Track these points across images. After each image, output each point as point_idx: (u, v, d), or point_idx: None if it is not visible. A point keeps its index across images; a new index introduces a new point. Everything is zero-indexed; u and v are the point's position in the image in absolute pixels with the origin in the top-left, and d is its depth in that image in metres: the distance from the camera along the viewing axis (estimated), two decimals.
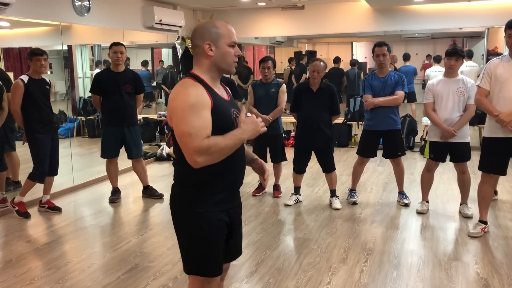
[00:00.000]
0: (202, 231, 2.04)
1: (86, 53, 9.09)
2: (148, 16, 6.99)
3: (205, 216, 2.04)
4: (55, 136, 4.92)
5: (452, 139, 4.39)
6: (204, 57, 2.03)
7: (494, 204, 4.88)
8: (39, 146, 4.72)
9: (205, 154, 1.88)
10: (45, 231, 4.47)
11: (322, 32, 8.37)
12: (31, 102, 4.64)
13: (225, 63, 2.05)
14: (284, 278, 3.36)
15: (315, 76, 4.72)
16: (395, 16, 7.82)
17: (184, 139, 1.89)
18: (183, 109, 1.88)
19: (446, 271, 3.41)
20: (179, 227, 2.12)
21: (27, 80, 4.63)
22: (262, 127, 2.03)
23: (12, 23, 6.35)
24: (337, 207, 4.89)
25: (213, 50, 2.01)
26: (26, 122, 4.69)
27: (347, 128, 8.43)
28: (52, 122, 4.88)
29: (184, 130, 1.88)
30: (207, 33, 2.01)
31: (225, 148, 1.92)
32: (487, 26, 8.06)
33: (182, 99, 1.90)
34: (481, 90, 3.85)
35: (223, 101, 2.05)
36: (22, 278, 3.43)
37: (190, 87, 1.94)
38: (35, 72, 4.69)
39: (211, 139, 1.89)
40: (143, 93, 5.47)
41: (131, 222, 4.74)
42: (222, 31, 2.02)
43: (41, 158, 4.75)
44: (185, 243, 2.11)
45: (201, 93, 1.93)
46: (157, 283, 3.32)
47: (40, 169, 4.77)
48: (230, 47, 2.03)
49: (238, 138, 1.96)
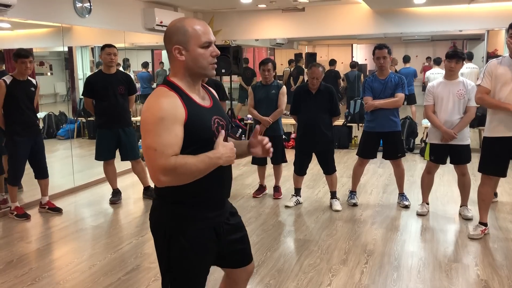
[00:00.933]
0: (183, 248, 1.89)
1: (86, 54, 9.10)
2: (149, 17, 7.01)
3: (188, 234, 1.89)
4: (39, 139, 4.85)
5: (453, 141, 4.40)
6: (176, 62, 1.83)
7: (494, 206, 4.89)
8: (16, 149, 4.68)
9: (170, 174, 1.71)
10: (46, 232, 4.48)
11: (322, 34, 8.38)
12: (13, 104, 4.58)
13: (199, 67, 1.83)
14: (285, 280, 3.37)
15: (314, 83, 4.75)
16: (395, 19, 7.83)
17: (149, 154, 1.72)
18: (152, 122, 1.71)
19: (446, 273, 3.42)
20: (160, 242, 1.94)
21: (10, 81, 4.58)
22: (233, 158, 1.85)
23: (13, 24, 6.36)
24: (337, 209, 4.89)
25: (184, 54, 1.80)
26: (7, 124, 4.64)
27: (347, 130, 8.44)
28: (34, 125, 4.81)
29: (149, 145, 1.71)
30: (174, 35, 1.80)
31: (195, 171, 1.74)
32: (487, 28, 8.07)
33: (152, 112, 1.72)
34: (482, 88, 3.84)
35: (202, 109, 1.85)
36: (23, 279, 3.44)
37: (162, 97, 1.75)
38: (20, 73, 4.64)
39: (179, 158, 1.72)
40: (135, 94, 5.45)
41: (132, 223, 4.74)
42: (191, 31, 1.79)
43: (16, 162, 4.72)
44: (165, 260, 1.93)
45: (173, 105, 1.74)
46: (158, 284, 3.32)
47: (14, 173, 4.74)
48: (203, 48, 1.81)
49: (211, 162, 1.77)
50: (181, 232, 1.89)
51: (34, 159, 4.83)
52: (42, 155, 4.90)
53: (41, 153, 4.88)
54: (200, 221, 1.92)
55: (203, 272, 2.00)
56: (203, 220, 1.93)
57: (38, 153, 4.84)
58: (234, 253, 2.12)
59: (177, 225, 1.89)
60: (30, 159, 4.83)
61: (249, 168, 6.29)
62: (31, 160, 4.84)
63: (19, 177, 4.79)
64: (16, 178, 4.77)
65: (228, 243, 2.06)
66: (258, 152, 2.07)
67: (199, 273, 1.98)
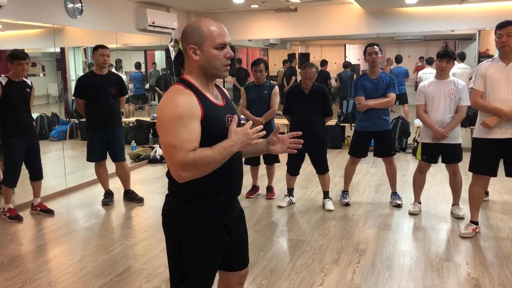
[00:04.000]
0: (195, 246, 1.92)
1: (79, 55, 9.07)
2: (141, 18, 6.98)
3: (200, 231, 1.92)
4: (35, 141, 4.83)
5: (444, 140, 4.42)
6: (191, 62, 1.88)
7: (486, 205, 4.91)
8: (11, 150, 4.66)
9: (190, 169, 1.75)
10: (38, 234, 4.46)
11: (314, 34, 8.39)
12: (8, 105, 4.56)
13: (213, 68, 1.87)
14: (277, 280, 3.37)
15: (307, 83, 4.76)
16: (388, 19, 7.86)
17: (168, 151, 1.76)
18: (170, 120, 1.75)
19: (438, 272, 3.43)
20: (171, 239, 1.98)
21: (6, 82, 4.55)
22: (254, 139, 1.85)
23: (4, 25, 6.33)
24: (330, 209, 4.90)
25: (198, 54, 1.84)
26: (2, 125, 4.62)
27: (340, 130, 8.46)
28: (30, 126, 4.79)
29: (169, 142, 1.75)
30: (190, 35, 1.85)
31: (212, 162, 1.78)
32: (478, 28, 8.12)
33: (170, 109, 1.76)
34: (476, 91, 3.87)
35: (216, 108, 1.90)
36: (14, 281, 3.42)
37: (179, 95, 1.80)
38: (16, 75, 4.61)
39: (197, 152, 1.75)
40: (126, 96, 5.44)
41: (124, 224, 4.73)
42: (206, 32, 1.83)
43: (11, 164, 4.70)
44: (176, 256, 1.97)
45: (190, 102, 1.79)
46: (150, 285, 3.32)
47: (10, 175, 4.72)
48: (217, 49, 1.85)
49: (227, 151, 1.80)
50: (192, 229, 1.92)
51: (29, 160, 4.81)
52: (38, 157, 4.88)
53: (36, 155, 4.86)
54: (211, 218, 1.94)
55: (212, 269, 2.03)
56: (214, 217, 1.95)
57: (33, 154, 4.82)
58: (233, 255, 2.13)
59: (188, 222, 1.92)
60: (26, 160, 4.80)
61: None
62: (26, 162, 4.82)
63: (15, 179, 4.76)
64: (12, 180, 4.74)
65: (232, 243, 2.07)
66: (278, 149, 2.14)
67: (209, 270, 2.01)
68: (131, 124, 9.32)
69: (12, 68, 4.59)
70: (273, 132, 2.12)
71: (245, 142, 1.83)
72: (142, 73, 11.68)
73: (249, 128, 1.87)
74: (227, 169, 1.89)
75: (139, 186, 5.97)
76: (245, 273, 2.26)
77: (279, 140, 2.14)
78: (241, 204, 2.18)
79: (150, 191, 5.66)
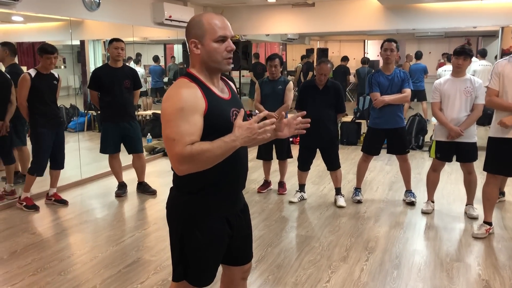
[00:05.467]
0: (197, 240, 1.94)
1: (98, 48, 9.16)
2: (158, 12, 7.01)
3: (203, 225, 1.94)
4: (60, 131, 4.96)
5: (459, 139, 4.34)
6: (193, 56, 1.89)
7: (501, 205, 4.82)
8: (40, 140, 4.77)
9: (188, 162, 1.75)
10: (51, 224, 4.53)
11: (332, 29, 8.32)
12: (37, 97, 4.69)
13: (213, 61, 1.86)
14: (284, 275, 3.36)
15: (322, 79, 4.73)
16: (407, 15, 7.73)
17: (168, 144, 1.77)
18: (172, 112, 1.76)
19: (447, 272, 3.38)
20: (174, 233, 2.00)
21: (35, 75, 4.68)
22: (260, 134, 1.76)
23: (25, 18, 6.43)
24: (341, 205, 4.87)
25: (199, 48, 1.86)
26: (31, 116, 4.75)
27: (356, 127, 8.37)
28: (57, 117, 4.92)
29: (168, 135, 1.76)
30: (192, 29, 1.87)
31: (211, 157, 1.75)
32: (501, 25, 7.94)
33: (173, 102, 1.77)
34: (491, 90, 3.80)
35: (221, 101, 1.90)
36: (25, 269, 3.48)
37: (183, 88, 1.81)
38: (44, 68, 4.74)
39: (195, 146, 1.74)
40: (140, 89, 5.49)
41: (136, 216, 4.78)
42: (206, 25, 1.84)
43: (40, 152, 4.79)
44: (178, 249, 1.99)
45: (193, 96, 1.79)
46: (158, 277, 3.35)
47: (39, 163, 4.81)
48: (217, 42, 1.84)
49: (228, 146, 1.75)
50: (195, 223, 1.94)
51: (54, 149, 4.91)
52: (62, 147, 5.00)
53: (61, 145, 4.97)
54: (214, 211, 1.96)
55: (215, 262, 2.04)
56: (217, 211, 1.97)
57: (58, 144, 4.94)
58: (236, 249, 2.13)
59: (192, 216, 1.94)
60: (52, 149, 4.91)
61: (254, 163, 6.28)
62: (51, 151, 4.91)
63: (42, 168, 4.85)
64: (39, 168, 4.83)
65: (235, 238, 2.08)
66: (286, 133, 2.13)
67: (211, 264, 2.02)
68: (148, 117, 9.39)
69: (41, 61, 4.72)
70: (278, 119, 2.07)
71: (249, 137, 1.76)
72: (161, 67, 11.76)
73: (258, 122, 1.78)
74: (230, 163, 1.89)
75: (153, 179, 6.02)
76: (248, 268, 2.25)
77: (285, 125, 2.12)
78: (252, 199, 2.20)
79: (164, 184, 5.70)
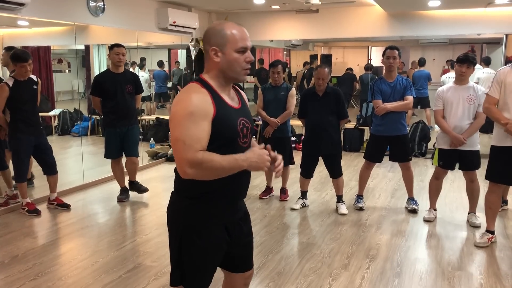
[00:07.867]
0: (195, 246, 1.96)
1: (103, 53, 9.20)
2: (162, 17, 7.04)
3: (202, 231, 1.96)
4: (43, 140, 4.89)
5: (462, 147, 4.33)
6: (211, 63, 1.91)
7: (504, 214, 4.79)
8: (18, 146, 4.73)
9: (196, 168, 1.77)
10: (52, 228, 4.54)
11: (336, 36, 8.33)
12: (17, 104, 4.64)
13: (232, 71, 1.90)
14: (284, 282, 3.35)
15: (320, 84, 4.72)
16: (411, 22, 7.74)
17: (177, 146, 1.79)
18: (182, 116, 1.79)
19: (449, 281, 3.37)
20: (173, 237, 2.02)
21: (13, 83, 4.62)
22: (266, 165, 1.87)
23: (30, 22, 6.48)
24: (343, 213, 4.86)
25: (220, 56, 1.87)
26: (11, 121, 4.70)
27: (359, 133, 8.36)
28: (37, 124, 4.84)
29: (178, 137, 1.79)
30: (213, 37, 1.89)
31: (219, 168, 1.80)
32: (505, 32, 7.93)
33: (183, 106, 1.80)
34: (490, 98, 3.79)
35: (230, 109, 1.92)
36: (26, 274, 3.49)
37: (194, 93, 1.83)
38: (20, 75, 4.66)
39: (206, 154, 1.78)
40: (141, 93, 5.52)
41: (137, 221, 4.78)
42: (229, 35, 1.87)
43: (18, 158, 4.76)
44: (176, 254, 2.01)
45: (203, 101, 1.82)
46: (158, 283, 3.35)
47: (18, 169, 4.79)
48: (238, 53, 1.88)
49: (237, 163, 1.82)
50: (194, 228, 1.96)
51: (39, 157, 4.90)
52: (48, 153, 4.93)
53: (46, 152, 4.91)
54: (214, 218, 1.97)
55: (211, 269, 2.05)
56: (217, 218, 1.98)
57: (42, 151, 4.89)
58: (236, 257, 2.14)
59: (191, 221, 1.96)
60: (37, 157, 4.91)
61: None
62: (37, 158, 4.92)
63: (24, 173, 4.83)
64: (21, 174, 4.81)
65: (235, 245, 2.08)
66: None
67: (207, 270, 2.04)
68: (151, 122, 9.42)
69: (16, 69, 4.66)
70: None
71: (257, 163, 1.85)
72: (165, 72, 11.80)
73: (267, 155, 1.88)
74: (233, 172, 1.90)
75: (156, 184, 6.03)
76: (249, 275, 2.26)
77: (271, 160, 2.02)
78: (254, 205, 2.20)
79: (166, 189, 5.71)
